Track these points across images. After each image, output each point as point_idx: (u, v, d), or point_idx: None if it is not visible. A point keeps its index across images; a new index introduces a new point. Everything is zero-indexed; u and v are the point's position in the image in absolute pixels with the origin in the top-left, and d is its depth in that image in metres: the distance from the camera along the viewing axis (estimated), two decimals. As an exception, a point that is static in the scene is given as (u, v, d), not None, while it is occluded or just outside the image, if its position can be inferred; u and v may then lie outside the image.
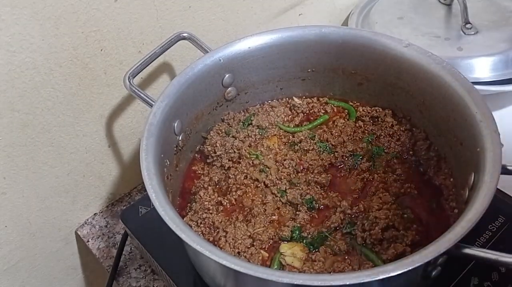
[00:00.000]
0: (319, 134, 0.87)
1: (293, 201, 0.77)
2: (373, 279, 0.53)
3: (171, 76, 0.95)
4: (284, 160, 0.82)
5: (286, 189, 0.78)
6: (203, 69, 0.81)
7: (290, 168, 0.81)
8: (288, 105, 0.93)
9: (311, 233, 0.73)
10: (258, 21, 1.04)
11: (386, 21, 1.10)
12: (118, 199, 1.01)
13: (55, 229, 0.93)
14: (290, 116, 0.92)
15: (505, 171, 0.64)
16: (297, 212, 0.76)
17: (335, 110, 0.93)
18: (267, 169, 0.81)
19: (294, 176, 0.81)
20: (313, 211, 0.76)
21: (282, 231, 0.73)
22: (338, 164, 0.83)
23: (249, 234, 0.73)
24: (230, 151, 0.83)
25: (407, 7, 1.14)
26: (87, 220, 0.98)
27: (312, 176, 0.80)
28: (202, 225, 0.75)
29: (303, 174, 0.81)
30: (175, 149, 0.80)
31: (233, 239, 0.72)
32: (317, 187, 0.79)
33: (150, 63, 0.82)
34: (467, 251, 0.57)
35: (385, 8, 1.15)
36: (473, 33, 1.01)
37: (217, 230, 0.74)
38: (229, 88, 0.88)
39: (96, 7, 0.77)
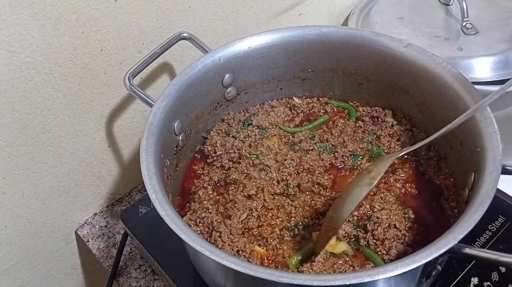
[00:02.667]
0: (319, 134, 0.87)
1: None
2: (373, 279, 0.53)
3: (171, 76, 0.95)
4: (285, 160, 0.82)
5: (289, 181, 0.79)
6: (203, 69, 0.81)
7: (291, 167, 0.81)
8: (288, 105, 0.93)
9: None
10: (258, 21, 1.04)
11: (386, 21, 1.10)
12: (118, 199, 1.01)
13: (55, 229, 0.93)
14: (290, 116, 0.92)
15: (505, 171, 0.64)
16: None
17: (335, 110, 0.93)
18: (267, 168, 0.81)
19: (295, 176, 0.80)
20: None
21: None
22: (339, 164, 0.83)
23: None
24: (230, 151, 0.83)
25: (407, 7, 1.13)
26: (87, 220, 0.98)
27: (314, 177, 0.80)
28: (200, 225, 0.75)
29: (304, 174, 0.81)
30: (175, 149, 0.80)
31: (228, 238, 0.72)
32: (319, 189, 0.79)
33: (150, 63, 0.82)
34: (467, 251, 0.57)
35: (385, 8, 1.15)
36: (473, 33, 1.01)
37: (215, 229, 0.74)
38: (229, 88, 0.88)
39: (96, 7, 0.77)
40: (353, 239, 0.72)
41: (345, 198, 0.69)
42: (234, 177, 0.79)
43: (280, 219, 0.75)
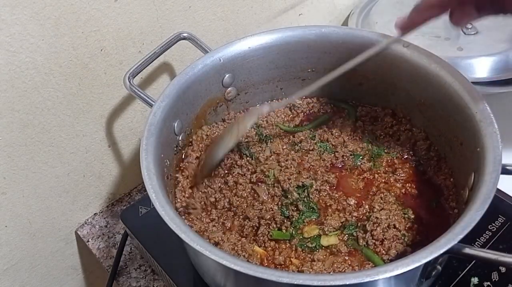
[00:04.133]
0: (319, 134, 0.87)
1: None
2: (373, 279, 0.53)
3: (171, 76, 0.95)
4: (286, 161, 0.82)
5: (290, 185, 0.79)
6: (203, 69, 0.81)
7: (292, 168, 0.81)
8: (288, 105, 0.93)
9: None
10: (258, 21, 1.04)
11: (386, 21, 1.10)
12: (118, 199, 1.01)
13: (55, 229, 0.93)
14: (290, 116, 0.92)
15: (505, 171, 0.64)
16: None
17: (334, 110, 0.93)
18: (271, 171, 0.81)
19: (296, 175, 0.80)
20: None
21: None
22: (339, 164, 0.83)
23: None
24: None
25: (407, 7, 1.12)
26: (87, 220, 0.98)
27: (320, 175, 0.80)
28: None
29: (307, 175, 0.81)
30: (175, 149, 0.80)
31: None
32: (325, 185, 0.79)
33: (150, 63, 0.82)
34: (467, 251, 0.57)
35: (385, 8, 1.15)
36: (473, 33, 1.01)
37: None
38: (229, 88, 0.88)
39: (96, 7, 0.77)
40: (352, 239, 0.72)
41: (216, 145, 0.79)
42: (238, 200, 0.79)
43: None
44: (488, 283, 0.72)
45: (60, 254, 0.97)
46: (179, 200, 0.77)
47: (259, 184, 0.79)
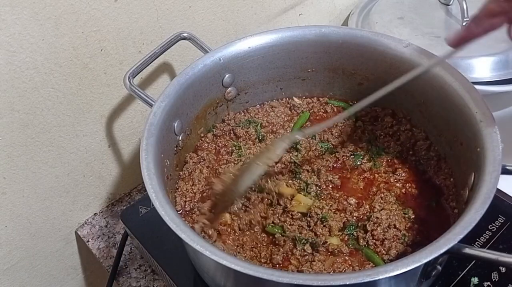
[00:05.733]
0: (320, 134, 0.87)
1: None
2: (373, 279, 0.53)
3: (171, 76, 0.95)
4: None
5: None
6: (203, 69, 0.81)
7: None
8: (288, 105, 0.93)
9: None
10: (258, 21, 1.04)
11: (386, 21, 1.10)
12: (118, 199, 1.01)
13: (55, 229, 0.93)
14: (290, 116, 0.92)
15: (505, 171, 0.64)
16: None
17: (335, 110, 0.93)
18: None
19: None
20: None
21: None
22: (339, 164, 0.83)
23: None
24: None
25: (407, 7, 1.13)
26: (87, 220, 0.98)
27: (322, 175, 0.80)
28: None
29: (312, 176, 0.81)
30: (175, 149, 0.80)
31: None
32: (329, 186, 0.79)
33: (150, 63, 0.82)
34: (467, 251, 0.57)
35: (385, 8, 1.15)
36: (473, 33, 1.01)
37: None
38: (229, 88, 0.88)
39: (96, 7, 0.77)
40: (352, 239, 0.72)
41: (243, 173, 0.73)
42: None
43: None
44: (488, 283, 0.72)
45: (60, 254, 0.97)
46: (178, 204, 0.77)
47: None
